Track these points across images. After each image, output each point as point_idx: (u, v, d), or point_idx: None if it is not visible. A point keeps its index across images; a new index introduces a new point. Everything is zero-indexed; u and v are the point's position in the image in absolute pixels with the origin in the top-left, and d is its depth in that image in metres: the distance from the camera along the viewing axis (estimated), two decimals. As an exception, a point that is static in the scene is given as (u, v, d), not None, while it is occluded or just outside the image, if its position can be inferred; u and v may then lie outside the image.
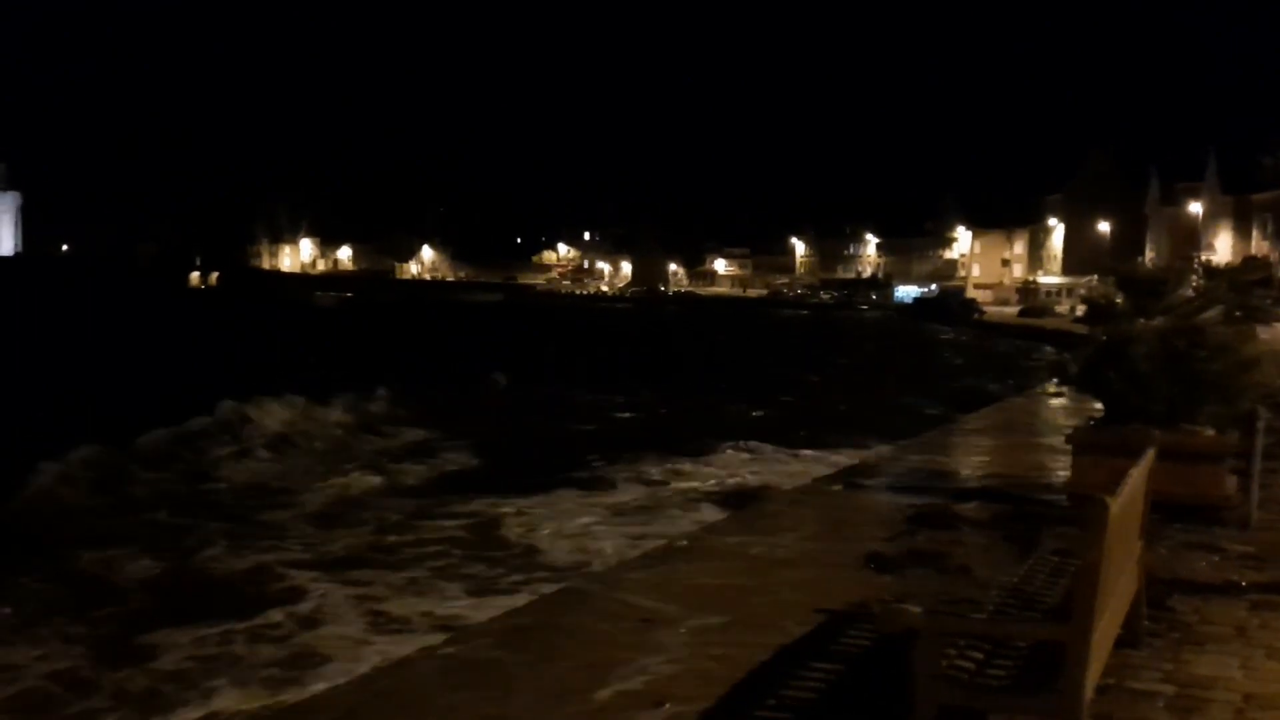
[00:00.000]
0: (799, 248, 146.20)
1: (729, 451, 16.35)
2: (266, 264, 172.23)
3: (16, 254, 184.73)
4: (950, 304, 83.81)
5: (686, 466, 14.99)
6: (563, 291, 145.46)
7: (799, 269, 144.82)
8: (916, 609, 3.71)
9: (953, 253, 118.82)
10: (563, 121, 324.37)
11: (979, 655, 3.60)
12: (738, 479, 14.09)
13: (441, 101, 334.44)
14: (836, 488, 9.63)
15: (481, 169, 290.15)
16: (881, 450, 13.42)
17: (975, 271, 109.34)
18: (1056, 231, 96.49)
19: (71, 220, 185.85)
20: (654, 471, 14.54)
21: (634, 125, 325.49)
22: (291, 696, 6.11)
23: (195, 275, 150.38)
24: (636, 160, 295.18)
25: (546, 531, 11.04)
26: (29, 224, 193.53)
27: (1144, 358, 7.77)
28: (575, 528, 11.22)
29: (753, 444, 17.04)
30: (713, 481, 13.97)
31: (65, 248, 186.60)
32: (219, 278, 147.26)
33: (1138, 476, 4.27)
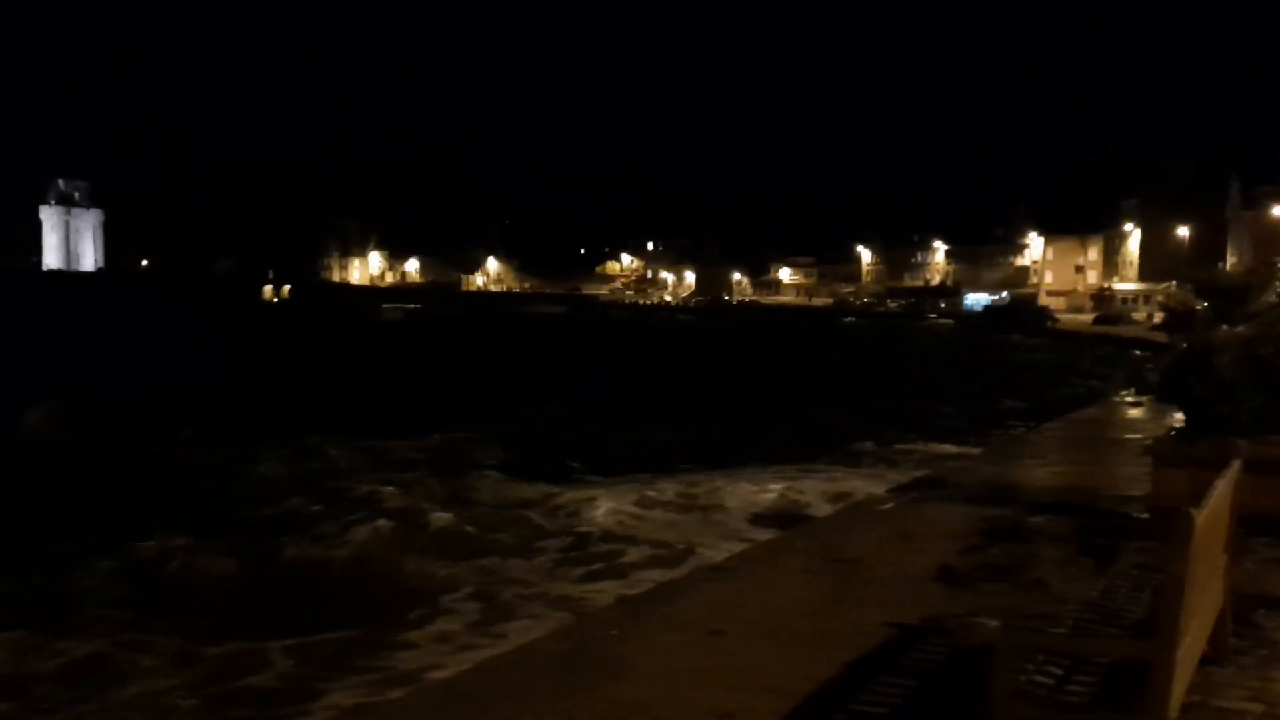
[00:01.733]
0: (865, 256, 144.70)
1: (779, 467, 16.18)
2: (336, 277, 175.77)
3: (99, 269, 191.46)
4: (1022, 312, 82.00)
5: (747, 484, 14.85)
6: (626, 301, 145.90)
7: (865, 277, 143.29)
8: (993, 623, 3.64)
9: (1024, 259, 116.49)
10: (628, 133, 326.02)
11: (1058, 672, 3.52)
12: (794, 493, 13.93)
13: (508, 116, 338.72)
14: (906, 499, 9.49)
15: (546, 181, 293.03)
16: (952, 461, 13.20)
17: (1048, 278, 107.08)
18: (1133, 237, 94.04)
19: (151, 236, 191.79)
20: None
21: (699, 136, 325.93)
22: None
23: (268, 288, 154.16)
24: (700, 170, 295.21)
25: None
26: (110, 240, 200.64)
27: (1228, 366, 7.54)
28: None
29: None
30: (771, 495, 13.83)
31: (145, 263, 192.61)
32: (291, 291, 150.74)
33: (1223, 488, 4.14)
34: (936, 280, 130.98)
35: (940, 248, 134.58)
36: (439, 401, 25.79)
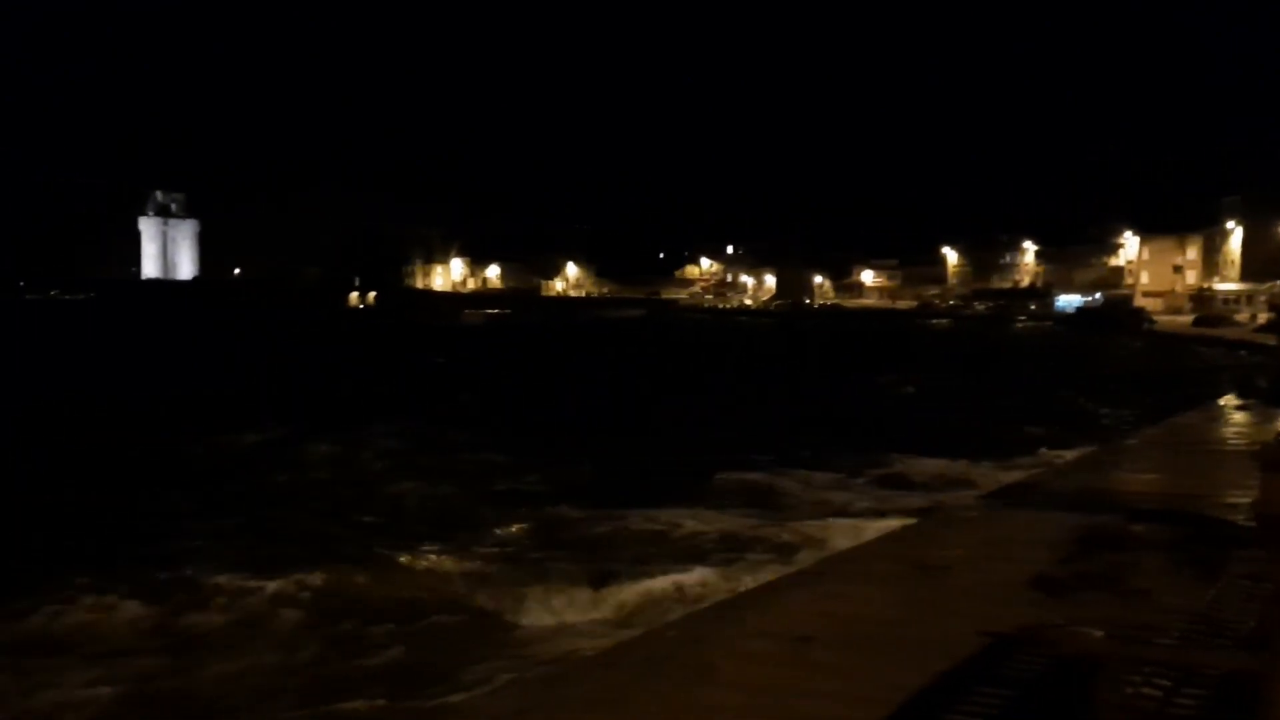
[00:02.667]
0: (951, 257, 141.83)
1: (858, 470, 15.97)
2: (420, 283, 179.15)
3: (195, 278, 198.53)
4: (1117, 313, 79.48)
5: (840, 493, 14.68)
6: (705, 305, 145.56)
7: (951, 279, 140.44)
8: (1097, 633, 3.53)
9: (1119, 259, 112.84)
10: (708, 136, 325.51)
11: (1166, 684, 3.40)
12: (874, 501, 13.72)
13: (589, 121, 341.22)
14: (996, 506, 9.26)
15: (626, 185, 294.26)
16: (1047, 466, 12.85)
17: (1143, 279, 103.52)
18: (1234, 235, 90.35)
19: (242, 245, 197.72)
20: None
21: (780, 138, 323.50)
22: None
23: (354, 295, 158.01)
24: (781, 173, 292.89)
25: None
26: (205, 249, 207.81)
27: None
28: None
29: (908, 459, 16.60)
30: (865, 502, 13.66)
31: (237, 271, 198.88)
32: (376, 297, 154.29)
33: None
34: (1026, 281, 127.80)
35: (1030, 248, 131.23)
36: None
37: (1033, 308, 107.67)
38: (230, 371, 38.81)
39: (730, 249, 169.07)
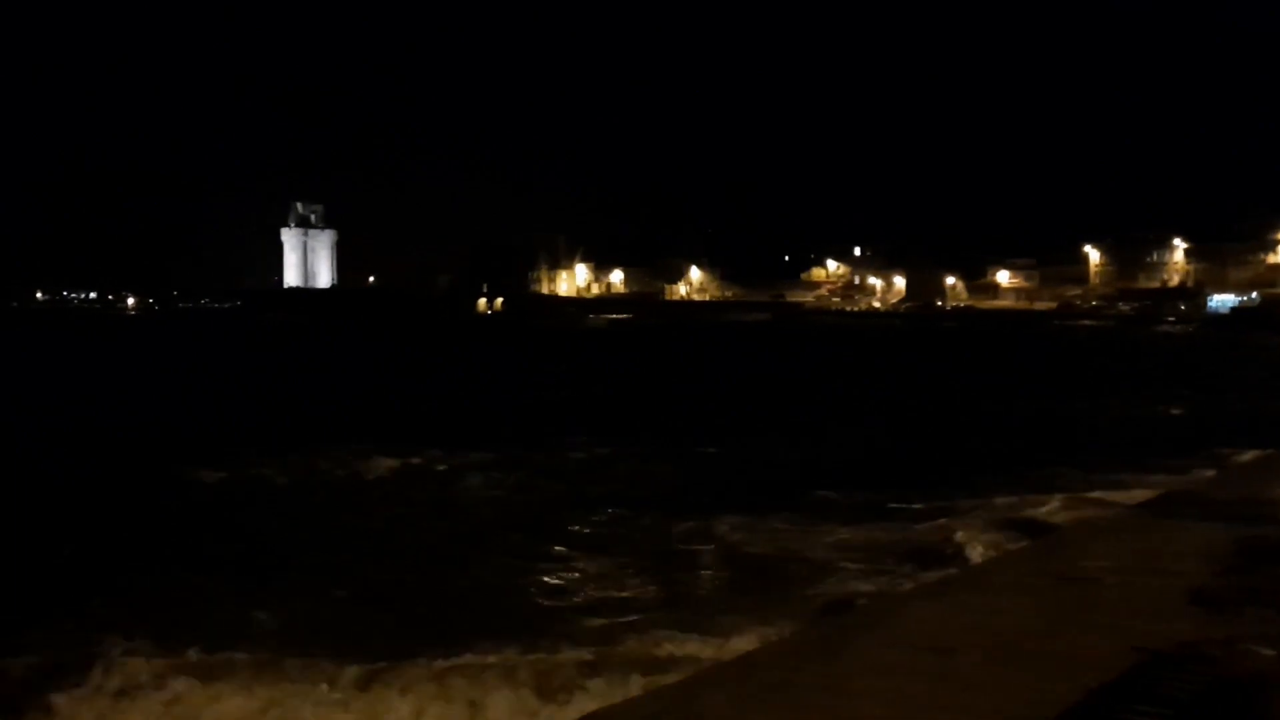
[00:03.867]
0: (1093, 255, 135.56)
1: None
2: (545, 289, 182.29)
3: (333, 286, 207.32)
4: (1275, 314, 74.56)
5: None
6: (832, 309, 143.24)
7: (1092, 279, 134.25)
8: (1266, 651, 3.24)
9: (1277, 257, 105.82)
10: (833, 134, 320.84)
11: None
12: (1026, 510, 13.13)
13: (713, 124, 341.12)
14: (1147, 516, 8.76)
15: (751, 188, 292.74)
16: (1204, 475, 12.09)
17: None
18: None
19: (377, 254, 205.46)
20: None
21: (910, 136, 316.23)
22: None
23: (482, 301, 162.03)
24: (911, 171, 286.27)
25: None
26: (342, 259, 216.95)
27: None
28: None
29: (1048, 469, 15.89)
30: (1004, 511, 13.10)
31: (371, 279, 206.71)
32: (503, 303, 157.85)
33: None
34: (1174, 281, 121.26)
35: (1179, 245, 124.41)
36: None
37: (1182, 308, 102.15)
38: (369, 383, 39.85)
39: (858, 250, 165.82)
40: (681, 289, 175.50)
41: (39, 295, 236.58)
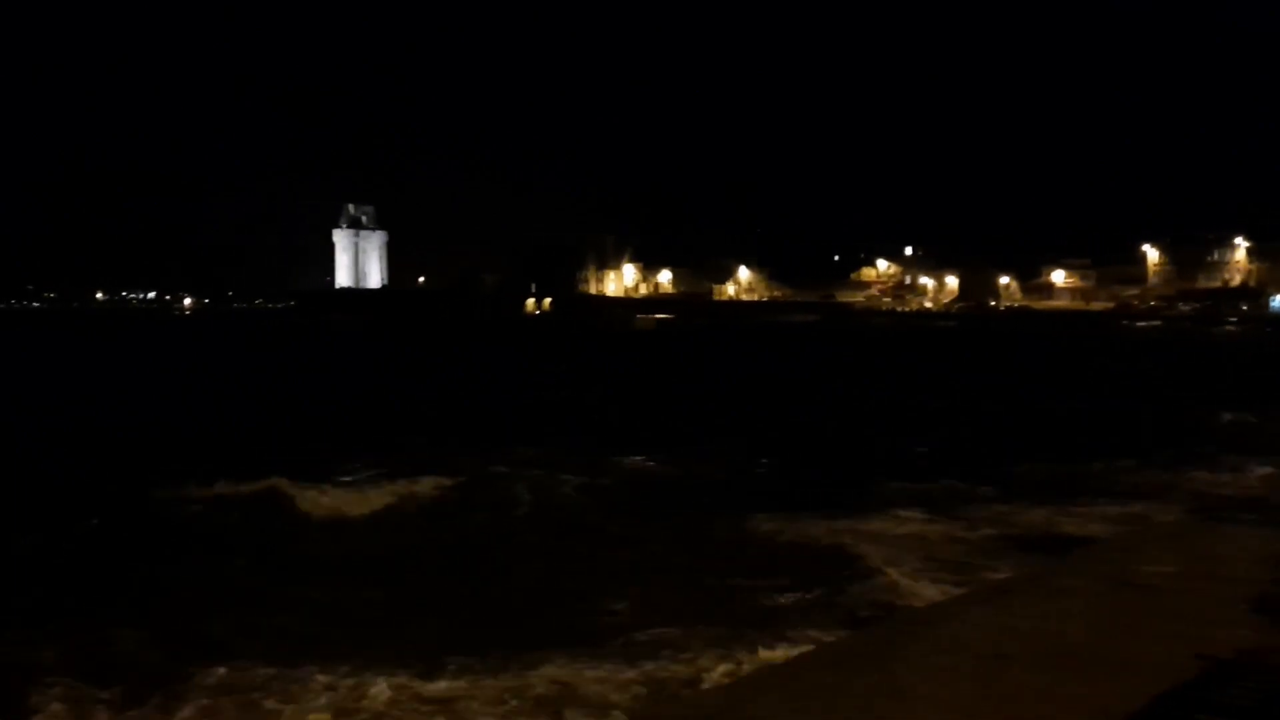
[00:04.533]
0: (1151, 255, 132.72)
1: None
2: (593, 289, 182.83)
3: (383, 286, 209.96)
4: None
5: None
6: (883, 309, 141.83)
7: (1151, 278, 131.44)
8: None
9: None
10: (884, 134, 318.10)
11: None
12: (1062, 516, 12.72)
13: (762, 124, 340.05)
14: (1206, 521, 8.45)
15: (799, 187, 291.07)
16: (1262, 474, 11.62)
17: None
18: None
19: (426, 255, 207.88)
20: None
21: (961, 134, 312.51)
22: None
23: (530, 301, 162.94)
24: (962, 170, 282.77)
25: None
26: (392, 259, 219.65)
27: None
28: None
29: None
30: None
31: (421, 280, 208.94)
32: (551, 303, 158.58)
33: None
34: (1236, 281, 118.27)
35: (1241, 244, 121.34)
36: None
37: (1244, 309, 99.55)
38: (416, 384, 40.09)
39: (909, 250, 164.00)
40: (730, 289, 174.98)
41: (99, 295, 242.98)
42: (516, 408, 28.68)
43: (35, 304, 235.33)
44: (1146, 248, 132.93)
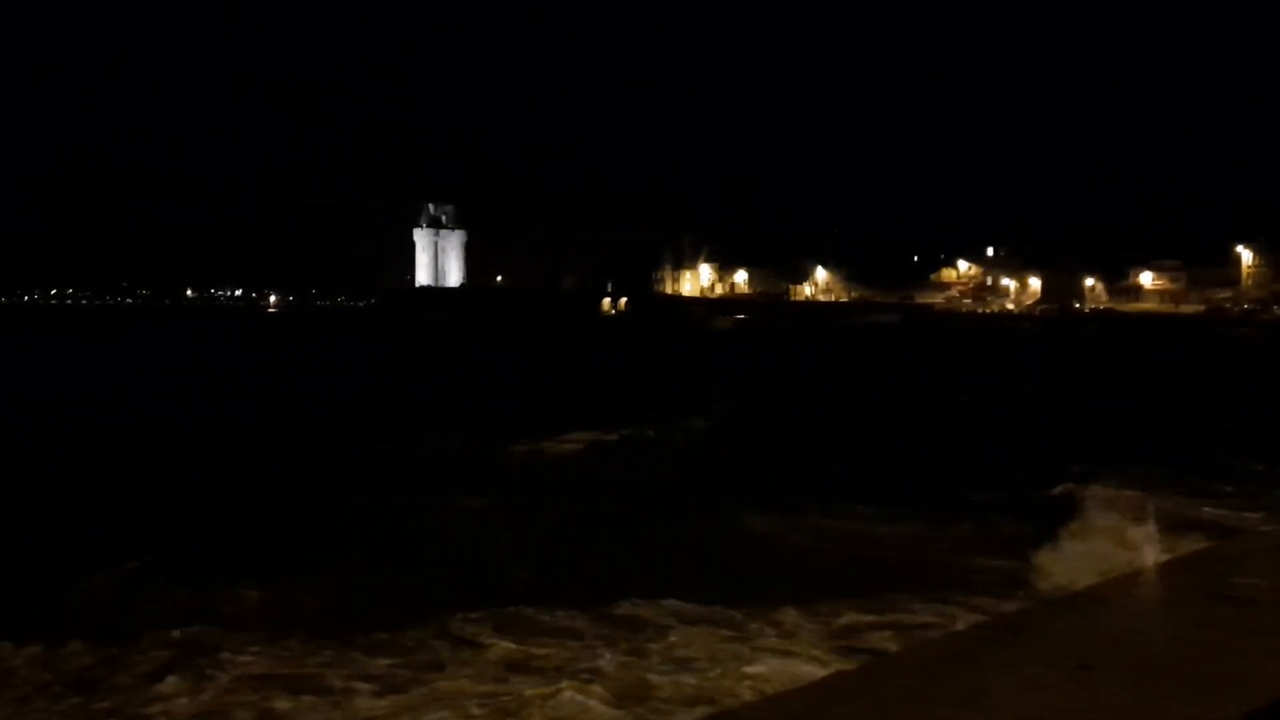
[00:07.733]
0: (1245, 256, 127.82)
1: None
2: (669, 289, 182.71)
3: (462, 285, 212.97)
4: None
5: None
6: (963, 310, 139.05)
7: (1245, 281, 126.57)
8: None
9: None
10: (966, 133, 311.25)
11: None
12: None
13: (842, 122, 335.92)
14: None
15: (878, 187, 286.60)
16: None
17: None
18: None
19: (506, 254, 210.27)
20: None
21: (1049, 132, 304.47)
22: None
23: (606, 301, 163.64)
24: (1048, 169, 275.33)
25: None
26: (471, 259, 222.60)
27: None
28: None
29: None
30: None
31: (499, 279, 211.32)
32: (627, 303, 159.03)
33: None
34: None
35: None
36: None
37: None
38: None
39: (990, 250, 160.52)
40: (807, 289, 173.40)
41: (189, 293, 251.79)
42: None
43: (129, 300, 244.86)
44: (1240, 248, 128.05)
